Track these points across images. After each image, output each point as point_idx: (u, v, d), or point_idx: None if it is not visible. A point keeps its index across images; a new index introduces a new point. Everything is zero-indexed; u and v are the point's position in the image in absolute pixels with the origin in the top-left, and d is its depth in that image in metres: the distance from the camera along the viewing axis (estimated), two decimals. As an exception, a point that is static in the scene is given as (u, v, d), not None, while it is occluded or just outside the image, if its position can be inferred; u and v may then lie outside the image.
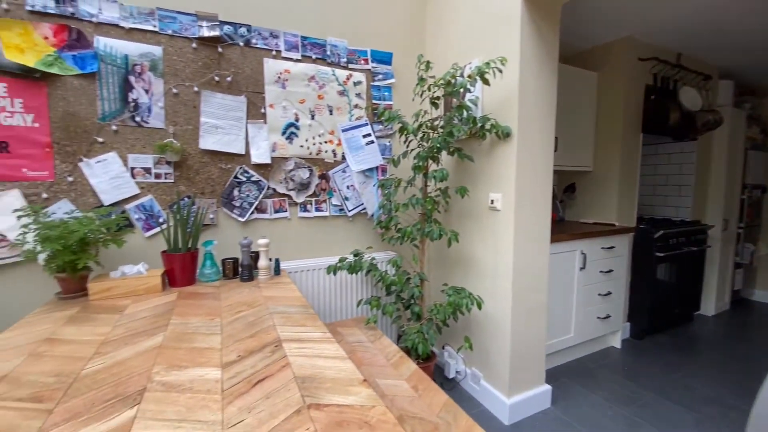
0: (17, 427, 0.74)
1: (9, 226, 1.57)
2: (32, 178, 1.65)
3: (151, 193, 1.87)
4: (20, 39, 1.59)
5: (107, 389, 0.87)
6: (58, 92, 1.67)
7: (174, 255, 1.69)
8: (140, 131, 1.84)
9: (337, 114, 2.32)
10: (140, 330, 1.21)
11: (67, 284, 1.51)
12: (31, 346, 1.09)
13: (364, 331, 2.01)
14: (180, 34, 1.88)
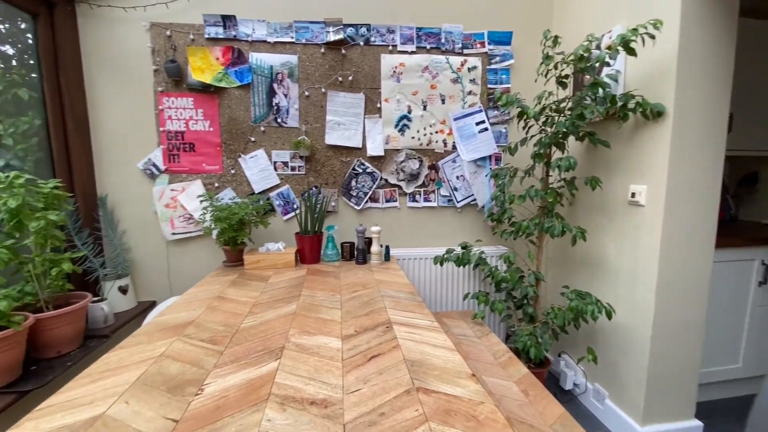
0: (201, 360, 0.98)
1: (194, 208, 2.06)
2: (209, 171, 2.11)
3: (288, 183, 2.19)
4: (201, 62, 2.03)
5: (258, 342, 1.08)
6: (225, 102, 2.09)
7: (304, 237, 1.95)
8: (281, 131, 2.16)
9: (449, 102, 2.29)
10: (280, 297, 1.45)
11: (229, 255, 1.90)
12: (208, 300, 1.43)
13: (470, 325, 1.98)
14: (311, 42, 2.12)
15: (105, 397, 0.81)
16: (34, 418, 0.75)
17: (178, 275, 2.15)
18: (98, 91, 1.99)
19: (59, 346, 1.53)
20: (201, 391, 0.84)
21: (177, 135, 2.06)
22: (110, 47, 1.97)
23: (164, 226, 2.09)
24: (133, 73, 2.00)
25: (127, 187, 2.06)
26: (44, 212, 1.47)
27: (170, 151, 2.06)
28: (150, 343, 1.07)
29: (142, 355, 1.00)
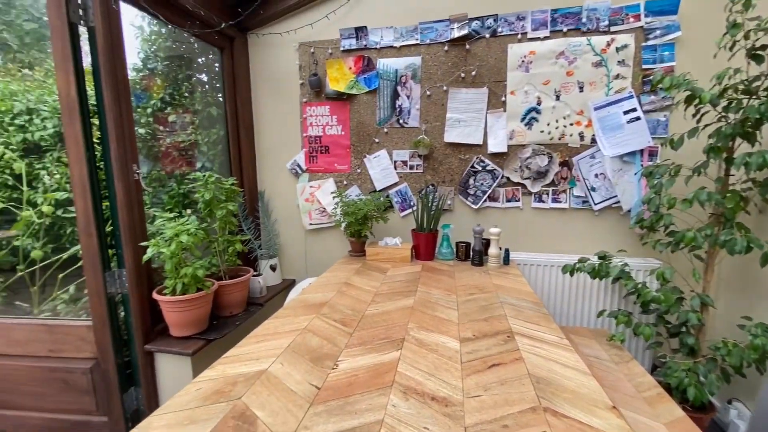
0: (335, 338, 1.12)
1: (327, 202, 2.35)
2: (339, 170, 2.37)
3: (406, 181, 2.29)
4: (337, 72, 2.28)
5: (381, 330, 1.17)
6: (354, 107, 2.29)
7: (420, 234, 2.01)
8: (402, 131, 2.26)
9: (589, 90, 2.01)
10: (398, 290, 1.54)
11: (354, 245, 2.10)
12: (338, 285, 1.61)
13: (604, 347, 1.72)
14: (435, 41, 2.14)
15: (267, 356, 1.01)
16: (221, 363, 0.99)
17: (313, 259, 2.48)
18: (261, 106, 2.43)
19: (231, 308, 1.95)
20: (336, 366, 0.96)
21: (316, 139, 2.36)
22: (269, 68, 2.38)
23: (304, 218, 2.44)
24: (285, 87, 2.37)
25: (278, 184, 2.48)
26: (226, 203, 1.89)
27: (310, 153, 2.38)
28: (296, 317, 1.27)
29: (290, 326, 1.20)
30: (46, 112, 2.13)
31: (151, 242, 1.56)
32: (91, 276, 1.54)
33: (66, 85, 1.41)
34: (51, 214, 1.81)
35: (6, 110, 2.27)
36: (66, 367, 1.64)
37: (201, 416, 0.77)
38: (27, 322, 1.65)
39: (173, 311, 1.63)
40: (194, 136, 2.16)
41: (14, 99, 2.35)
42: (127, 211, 1.54)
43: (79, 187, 1.48)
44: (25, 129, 2.21)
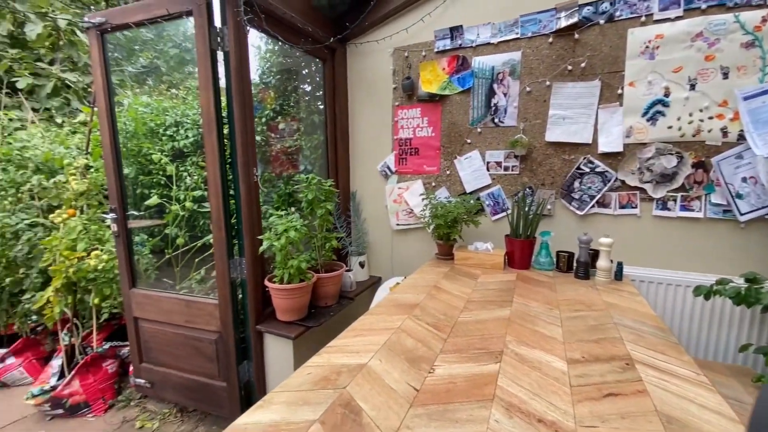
0: (429, 341, 1.13)
1: (415, 204, 2.37)
2: (428, 172, 2.37)
3: (500, 184, 2.18)
4: (430, 74, 2.28)
5: (476, 339, 1.14)
6: (446, 108, 2.27)
7: (515, 240, 1.90)
8: (496, 130, 2.16)
9: (736, 76, 1.65)
10: (491, 299, 1.48)
11: (442, 249, 2.09)
12: (427, 288, 1.61)
13: (748, 388, 1.41)
14: (538, 33, 1.99)
15: (365, 351, 1.06)
16: (326, 352, 1.07)
17: (399, 259, 2.54)
18: (356, 111, 2.57)
19: (326, 299, 2.11)
20: (433, 371, 0.96)
21: (406, 141, 2.40)
22: (365, 74, 2.49)
23: (391, 218, 2.50)
24: (378, 92, 2.46)
25: (369, 185, 2.59)
26: (325, 203, 2.05)
27: (400, 155, 2.44)
28: (389, 316, 1.31)
29: (384, 324, 1.25)
30: (188, 125, 2.58)
31: (265, 236, 1.77)
32: (219, 262, 1.82)
33: (207, 102, 1.69)
34: (191, 208, 2.18)
35: (160, 123, 2.82)
36: (197, 336, 1.97)
37: (312, 399, 0.85)
38: (171, 297, 2.02)
39: (280, 297, 1.83)
40: (299, 142, 2.39)
41: (165, 114, 2.90)
42: (247, 208, 1.78)
43: (213, 187, 1.75)
44: (173, 138, 2.71)
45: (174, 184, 2.25)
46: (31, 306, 2.45)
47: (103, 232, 2.36)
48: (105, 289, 2.35)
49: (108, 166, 2.00)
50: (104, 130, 1.97)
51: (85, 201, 2.41)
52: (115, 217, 2.00)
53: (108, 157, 1.98)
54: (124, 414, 2.28)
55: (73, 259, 2.27)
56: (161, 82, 5.12)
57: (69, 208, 2.36)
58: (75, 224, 2.26)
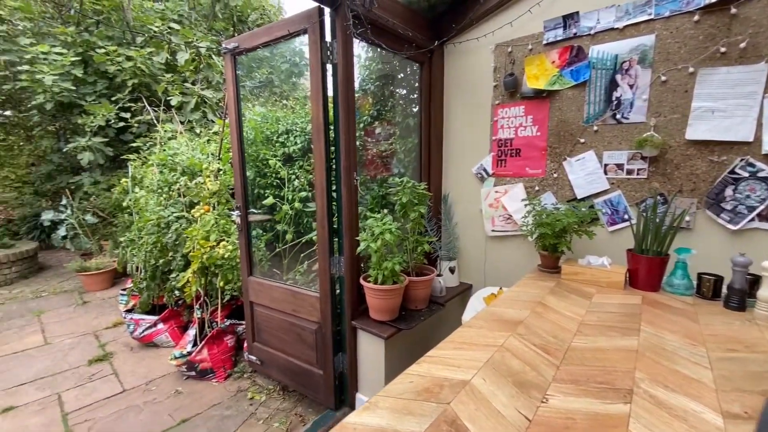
0: (538, 366, 1.03)
1: (515, 209, 2.21)
2: (531, 175, 2.19)
3: (620, 189, 1.89)
4: (537, 69, 2.09)
5: (596, 371, 1.00)
6: (556, 105, 2.06)
7: (640, 256, 1.62)
8: (618, 128, 1.88)
9: None
10: (611, 324, 1.28)
11: (546, 260, 1.90)
12: (531, 304, 1.48)
13: None
14: (679, 11, 1.67)
15: (467, 366, 1.02)
16: (426, 362, 1.06)
17: (492, 267, 2.41)
18: (451, 112, 2.51)
19: (416, 303, 2.11)
20: (546, 401, 0.87)
21: (506, 142, 2.26)
22: (462, 74, 2.42)
23: (486, 223, 2.38)
24: (477, 92, 2.36)
25: (462, 188, 2.51)
26: (418, 206, 2.05)
27: (499, 156, 2.30)
28: (490, 331, 1.24)
29: (485, 339, 1.18)
30: (297, 132, 2.86)
31: (362, 237, 1.85)
32: (321, 259, 1.97)
33: (317, 112, 1.83)
34: (298, 208, 2.40)
35: (274, 131, 3.18)
36: (300, 324, 2.16)
37: (416, 410, 0.84)
38: (281, 286, 2.26)
39: (374, 297, 1.89)
40: (394, 145, 2.45)
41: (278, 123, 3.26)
42: (347, 209, 1.88)
43: (320, 189, 1.90)
44: (284, 144, 3.04)
45: (285, 186, 2.51)
46: (176, 284, 3.00)
47: (229, 226, 2.76)
48: (228, 274, 2.74)
49: (235, 170, 2.32)
50: (233, 138, 2.29)
51: (217, 199, 2.85)
52: (239, 214, 2.32)
53: (236, 162, 2.30)
54: (239, 384, 2.64)
55: (207, 247, 2.70)
56: (273, 94, 5.80)
57: (205, 205, 2.82)
58: (209, 218, 2.69)
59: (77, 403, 2.46)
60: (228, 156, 3.02)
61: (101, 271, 4.80)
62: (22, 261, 5.35)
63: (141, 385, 2.66)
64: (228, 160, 2.99)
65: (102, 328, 3.63)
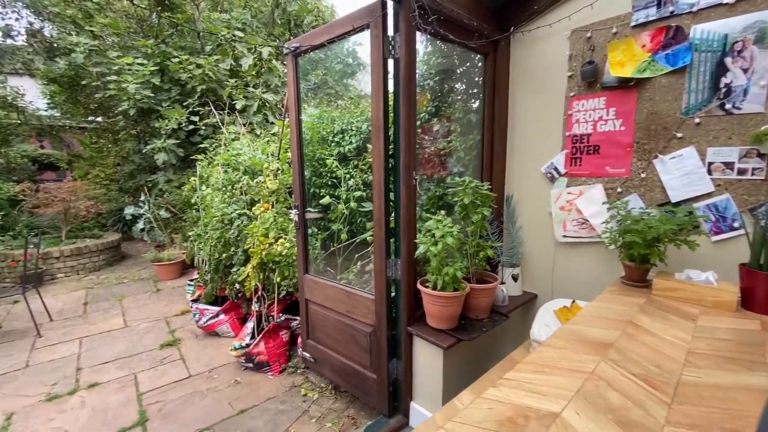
0: (644, 403, 0.86)
1: (591, 213, 1.98)
2: (612, 175, 1.95)
3: (729, 192, 1.60)
4: (622, 55, 1.85)
5: (720, 415, 0.81)
6: (645, 95, 1.80)
7: (758, 272, 1.34)
8: (727, 120, 1.59)
9: None
10: (728, 355, 1.06)
11: (631, 272, 1.67)
12: (620, 323, 1.29)
13: None
14: (821, -26, 1.35)
15: (554, 395, 0.89)
16: (503, 386, 0.94)
17: (562, 277, 2.19)
18: (517, 106, 2.32)
19: (477, 312, 1.98)
20: (662, 449, 0.72)
21: (582, 138, 2.03)
22: (531, 65, 2.22)
23: (556, 228, 2.17)
24: (547, 83, 2.16)
25: (527, 188, 2.32)
26: (481, 208, 1.91)
27: (573, 154, 2.08)
28: (575, 354, 1.09)
29: (571, 363, 1.03)
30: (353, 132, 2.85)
31: (421, 239, 1.76)
32: (377, 260, 1.91)
33: (377, 109, 1.78)
34: (354, 208, 2.37)
35: (329, 131, 3.20)
36: (354, 326, 2.13)
37: (498, 443, 0.74)
38: (336, 286, 2.24)
39: (432, 303, 1.79)
40: (453, 143, 2.32)
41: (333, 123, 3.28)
42: (405, 210, 1.81)
43: (378, 188, 1.84)
44: (339, 144, 3.04)
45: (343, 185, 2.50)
46: (237, 278, 3.15)
47: (286, 224, 2.82)
48: (285, 270, 2.81)
49: (294, 169, 2.35)
50: (293, 138, 2.32)
51: (276, 197, 2.93)
52: (297, 213, 2.35)
53: (295, 161, 2.34)
54: (293, 379, 2.69)
55: (266, 244, 2.79)
56: (327, 95, 5.92)
57: (265, 203, 2.92)
58: (268, 216, 2.77)
59: (150, 384, 2.66)
60: (286, 156, 3.10)
61: (172, 262, 5.24)
62: (108, 250, 6.02)
63: (204, 372, 2.82)
64: (286, 159, 3.06)
65: (171, 315, 3.94)
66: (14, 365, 2.93)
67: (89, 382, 2.68)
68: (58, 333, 3.50)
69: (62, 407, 2.41)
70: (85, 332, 3.53)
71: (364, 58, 5.54)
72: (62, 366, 2.92)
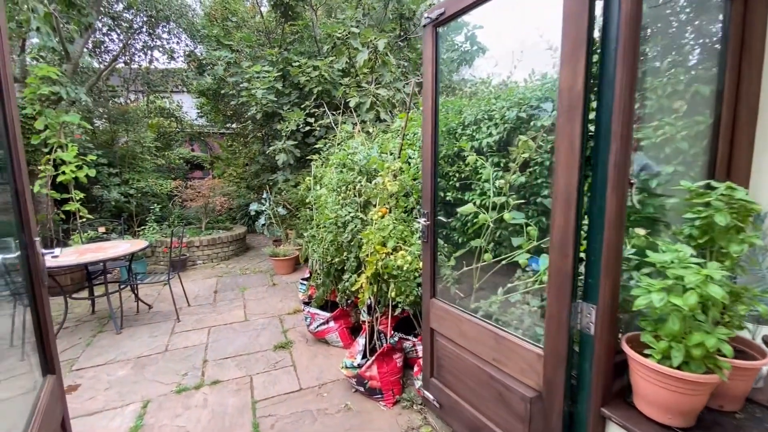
0: None
1: None
2: None
3: None
4: None
5: None
6: None
7: None
8: None
9: None
10: None
11: None
12: None
13: None
14: None
15: None
16: None
17: None
18: (787, 68, 1.44)
19: (724, 400, 1.22)
20: None
21: None
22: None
23: None
24: None
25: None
26: (744, 234, 1.16)
27: None
28: None
29: None
30: (496, 119, 2.28)
31: (646, 283, 1.10)
32: (554, 301, 1.32)
33: (571, 78, 1.19)
34: (509, 219, 1.81)
35: (458, 122, 2.68)
36: (504, 383, 1.57)
37: None
38: (477, 322, 1.72)
39: (660, 385, 1.12)
40: (666, 128, 1.55)
41: (461, 113, 2.75)
42: (612, 231, 1.17)
43: (563, 195, 1.25)
44: (473, 137, 2.50)
45: (481, 188, 1.96)
46: (349, 286, 2.89)
47: (406, 233, 2.42)
48: (402, 286, 2.40)
49: (425, 168, 1.91)
50: (427, 128, 1.88)
51: (395, 201, 2.55)
52: (427, 223, 1.90)
53: (427, 159, 1.89)
54: (409, 417, 2.27)
55: (383, 253, 2.43)
56: (449, 82, 5.42)
57: (383, 207, 2.57)
58: (387, 223, 2.40)
59: (264, 392, 2.56)
60: (405, 154, 2.70)
61: (287, 258, 5.45)
62: (236, 242, 6.66)
63: (315, 387, 2.61)
64: (406, 158, 2.67)
65: (285, 313, 3.96)
66: (156, 348, 3.20)
67: (212, 378, 2.72)
68: (192, 320, 3.80)
69: (188, 402, 2.45)
70: (212, 322, 3.75)
71: (484, 42, 4.86)
72: (192, 355, 3.07)
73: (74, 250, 3.66)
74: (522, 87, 2.39)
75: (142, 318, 3.87)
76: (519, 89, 2.40)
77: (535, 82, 2.36)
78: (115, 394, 2.54)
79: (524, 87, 2.40)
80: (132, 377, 2.75)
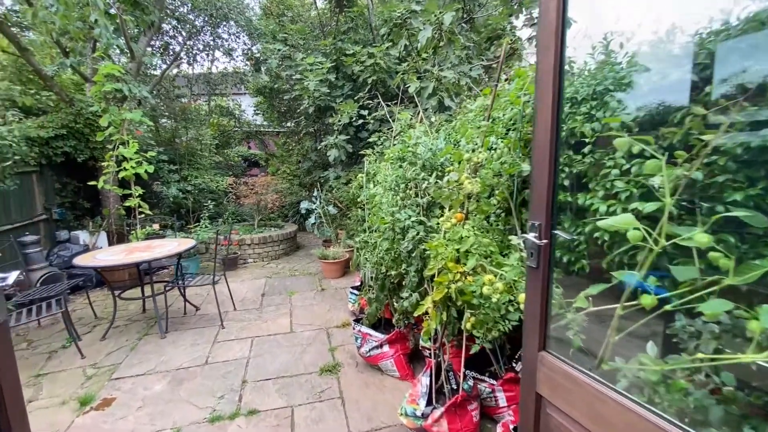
0: None
1: None
2: None
3: None
4: None
5: None
6: None
7: None
8: None
9: None
10: None
11: None
12: None
13: None
14: None
15: None
16: None
17: None
18: None
19: None
20: None
21: None
22: None
23: None
24: None
25: None
26: None
27: None
28: None
29: None
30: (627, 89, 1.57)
31: None
32: None
33: None
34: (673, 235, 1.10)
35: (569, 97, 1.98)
36: None
37: None
38: (627, 406, 1.06)
39: None
40: None
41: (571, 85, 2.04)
42: None
43: None
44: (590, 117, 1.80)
45: (665, 190, 1.27)
46: (409, 307, 2.34)
47: (493, 249, 1.79)
48: (485, 318, 1.79)
49: (539, 157, 1.28)
50: (544, 95, 1.25)
51: (474, 204, 1.94)
52: (541, 242, 1.26)
53: (543, 142, 1.26)
54: (493, 501, 1.67)
55: (457, 273, 1.84)
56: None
57: (458, 212, 1.97)
58: (466, 234, 1.80)
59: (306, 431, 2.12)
60: (488, 141, 2.06)
61: (336, 261, 5.05)
62: (287, 240, 6.46)
63: (366, 433, 2.11)
64: (488, 145, 2.03)
65: (333, 326, 3.53)
66: (197, 359, 2.93)
67: (249, 407, 2.34)
68: (236, 327, 3.53)
69: (220, 437, 2.08)
70: (257, 331, 3.44)
71: None
72: (232, 372, 2.74)
73: (125, 248, 3.56)
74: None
75: (188, 321, 3.68)
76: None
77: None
78: (146, 416, 2.26)
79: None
80: (167, 394, 2.47)
